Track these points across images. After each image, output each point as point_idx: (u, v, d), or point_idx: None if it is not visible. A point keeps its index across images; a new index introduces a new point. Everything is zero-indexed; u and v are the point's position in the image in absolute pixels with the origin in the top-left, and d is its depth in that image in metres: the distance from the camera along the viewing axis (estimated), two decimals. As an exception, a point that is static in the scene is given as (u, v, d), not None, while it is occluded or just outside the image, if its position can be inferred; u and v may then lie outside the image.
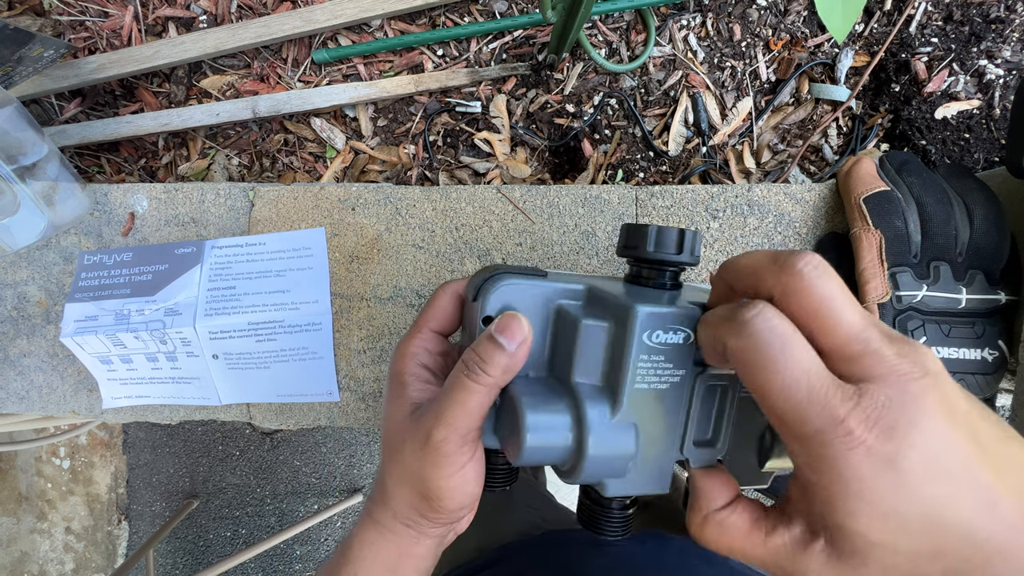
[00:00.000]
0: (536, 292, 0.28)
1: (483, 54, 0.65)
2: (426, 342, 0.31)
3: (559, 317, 0.29)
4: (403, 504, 0.29)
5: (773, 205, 0.49)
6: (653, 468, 0.27)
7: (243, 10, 0.66)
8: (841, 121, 0.62)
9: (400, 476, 0.28)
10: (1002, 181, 0.46)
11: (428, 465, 0.27)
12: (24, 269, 0.57)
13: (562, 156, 0.65)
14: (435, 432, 0.26)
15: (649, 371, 0.25)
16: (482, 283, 0.28)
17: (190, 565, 1.65)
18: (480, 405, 0.26)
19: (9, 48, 0.53)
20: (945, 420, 0.18)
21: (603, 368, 0.27)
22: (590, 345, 0.26)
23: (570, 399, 0.26)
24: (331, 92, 0.63)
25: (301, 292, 0.53)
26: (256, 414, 0.56)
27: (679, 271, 0.29)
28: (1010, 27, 0.58)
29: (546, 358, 0.29)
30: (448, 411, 0.26)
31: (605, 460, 0.25)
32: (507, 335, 0.26)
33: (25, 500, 1.68)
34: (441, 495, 0.27)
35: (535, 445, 0.25)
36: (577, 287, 0.29)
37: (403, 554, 0.30)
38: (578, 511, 0.30)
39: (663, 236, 0.28)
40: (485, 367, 0.26)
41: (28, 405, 0.58)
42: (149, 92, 0.68)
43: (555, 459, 0.26)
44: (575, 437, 0.25)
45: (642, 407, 0.26)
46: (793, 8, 0.62)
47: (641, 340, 0.25)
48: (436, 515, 0.28)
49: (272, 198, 0.55)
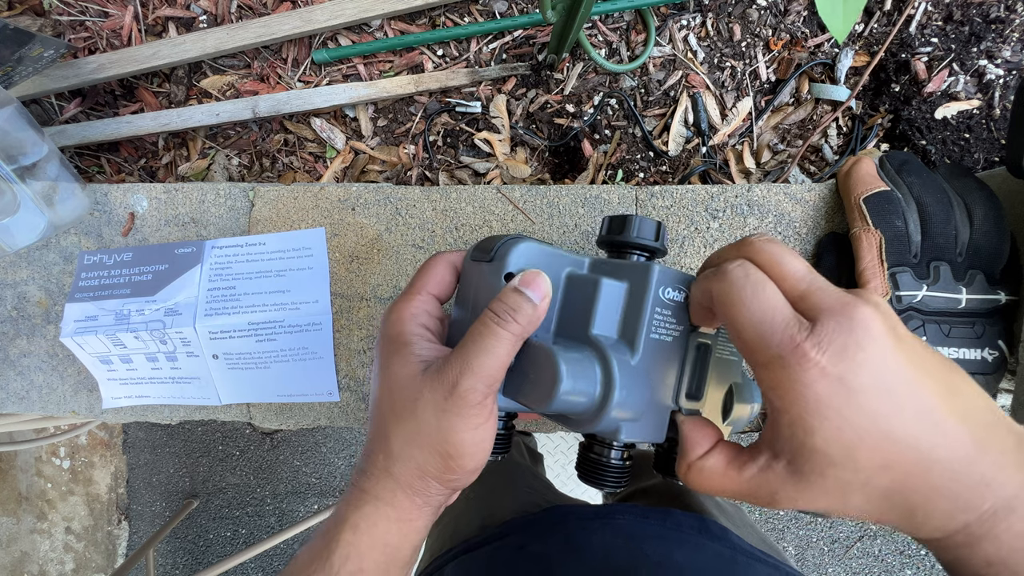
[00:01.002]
0: (550, 257, 0.31)
1: (483, 54, 0.65)
2: (425, 304, 0.30)
3: (569, 282, 0.31)
4: (413, 469, 0.27)
5: (773, 205, 0.49)
6: (657, 416, 0.30)
7: (243, 10, 0.66)
8: (841, 121, 0.62)
9: (410, 436, 0.27)
10: (1002, 181, 0.46)
11: (453, 416, 0.26)
12: (24, 269, 0.57)
13: (562, 156, 0.65)
14: (463, 380, 0.26)
15: (660, 323, 0.29)
16: (500, 244, 0.30)
17: (190, 565, 1.65)
18: (507, 353, 0.27)
19: (9, 48, 0.53)
20: (891, 343, 0.21)
21: (620, 322, 0.29)
22: (609, 301, 0.29)
23: (593, 350, 0.28)
24: (331, 92, 0.63)
25: (301, 292, 0.53)
26: (256, 414, 0.56)
27: (651, 257, 0.34)
28: (1010, 27, 0.58)
29: (553, 324, 0.31)
30: (476, 359, 0.26)
31: (627, 406, 0.28)
32: (532, 288, 0.27)
33: (25, 500, 1.68)
34: (464, 450, 0.26)
35: (569, 389, 0.26)
36: (582, 258, 0.32)
37: (403, 531, 0.28)
38: (578, 466, 0.32)
39: (644, 225, 0.32)
40: (515, 315, 0.26)
41: (28, 405, 0.58)
42: (149, 92, 0.68)
43: (582, 406, 0.27)
44: (603, 384, 0.27)
45: (653, 357, 0.29)
46: (793, 8, 0.62)
47: (657, 294, 0.29)
48: (452, 475, 0.27)
49: (272, 198, 0.55)
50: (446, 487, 0.28)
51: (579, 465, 0.32)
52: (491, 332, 0.26)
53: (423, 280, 0.31)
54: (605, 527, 0.47)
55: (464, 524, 0.56)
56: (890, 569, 1.46)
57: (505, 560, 0.46)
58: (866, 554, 1.47)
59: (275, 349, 0.53)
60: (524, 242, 0.30)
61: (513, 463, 0.82)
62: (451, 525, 0.58)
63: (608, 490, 0.31)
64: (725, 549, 0.46)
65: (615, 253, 0.34)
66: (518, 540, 0.48)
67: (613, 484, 0.31)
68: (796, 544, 1.49)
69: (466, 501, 0.64)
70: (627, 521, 0.48)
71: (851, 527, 1.48)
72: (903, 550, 1.46)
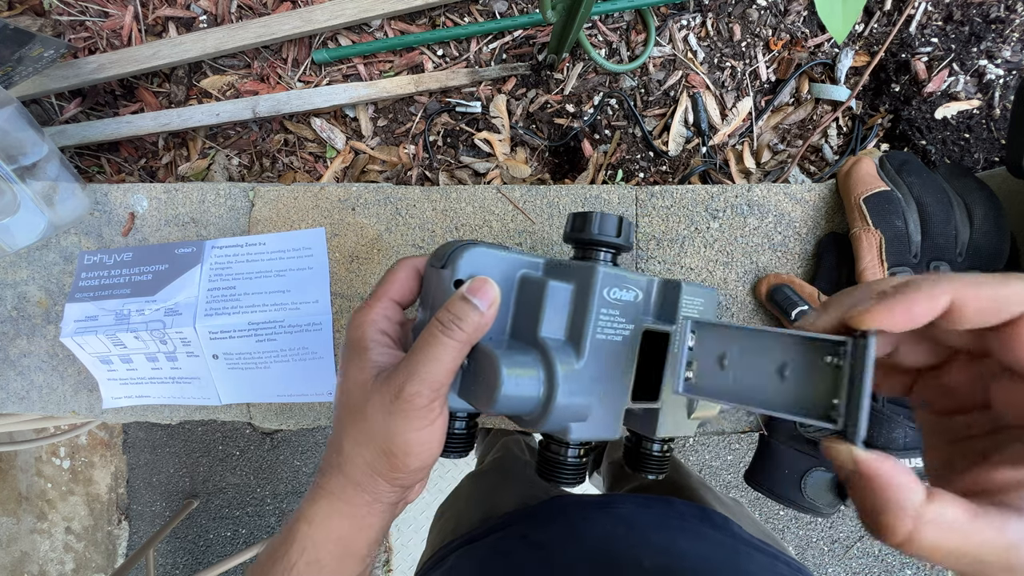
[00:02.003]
0: (501, 261, 0.31)
1: (483, 54, 0.65)
2: (386, 310, 0.31)
3: (523, 284, 0.31)
4: (361, 466, 0.29)
5: (773, 205, 0.49)
6: (609, 414, 0.30)
7: (243, 10, 0.66)
8: (841, 121, 0.62)
9: (359, 436, 0.28)
10: (1002, 181, 0.46)
11: (398, 419, 0.27)
12: (24, 269, 0.57)
13: (562, 156, 0.65)
14: (408, 386, 0.27)
15: (607, 323, 0.29)
16: (452, 251, 0.31)
17: (190, 565, 1.65)
18: (452, 360, 0.27)
19: (9, 48, 0.53)
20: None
21: (567, 323, 0.30)
22: (556, 303, 0.30)
23: (538, 353, 0.29)
24: (331, 92, 0.63)
25: (301, 292, 0.53)
26: (256, 414, 0.56)
27: (617, 253, 0.34)
28: (1010, 27, 0.58)
29: (508, 326, 0.32)
30: (422, 366, 0.27)
31: (572, 406, 0.28)
32: (479, 295, 0.28)
33: (25, 500, 1.68)
34: (408, 450, 0.27)
35: (509, 393, 0.27)
36: (537, 260, 0.32)
37: (355, 525, 0.29)
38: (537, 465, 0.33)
39: (605, 221, 0.33)
40: (460, 323, 0.27)
41: (28, 405, 0.58)
42: (149, 92, 0.68)
43: (526, 407, 0.28)
44: (545, 385, 0.28)
45: (600, 357, 0.29)
46: (793, 8, 0.62)
47: (601, 295, 0.29)
48: (396, 473, 0.28)
49: (272, 198, 0.55)
50: (393, 485, 0.29)
51: (537, 464, 0.33)
52: (436, 340, 0.27)
53: (386, 286, 0.32)
54: (606, 516, 0.48)
55: (466, 518, 0.56)
56: (890, 569, 1.46)
57: (507, 549, 0.47)
58: (866, 554, 1.47)
59: (275, 349, 0.53)
60: (474, 248, 0.30)
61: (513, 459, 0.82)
62: (453, 520, 0.59)
63: (566, 486, 0.32)
64: (726, 538, 0.46)
65: (580, 250, 0.34)
66: (520, 530, 0.49)
67: (570, 481, 0.31)
68: (796, 544, 1.49)
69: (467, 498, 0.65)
70: (628, 510, 0.49)
71: (851, 527, 1.48)
72: (903, 550, 1.46)
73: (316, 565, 0.29)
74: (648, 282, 0.32)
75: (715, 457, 1.49)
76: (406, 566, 1.55)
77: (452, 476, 1.52)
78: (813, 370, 0.24)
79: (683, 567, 0.40)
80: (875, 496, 0.19)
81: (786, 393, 0.25)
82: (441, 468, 1.52)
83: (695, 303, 0.33)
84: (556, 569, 0.41)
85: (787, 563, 0.45)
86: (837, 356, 0.23)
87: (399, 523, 1.55)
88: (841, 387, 0.22)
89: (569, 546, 0.44)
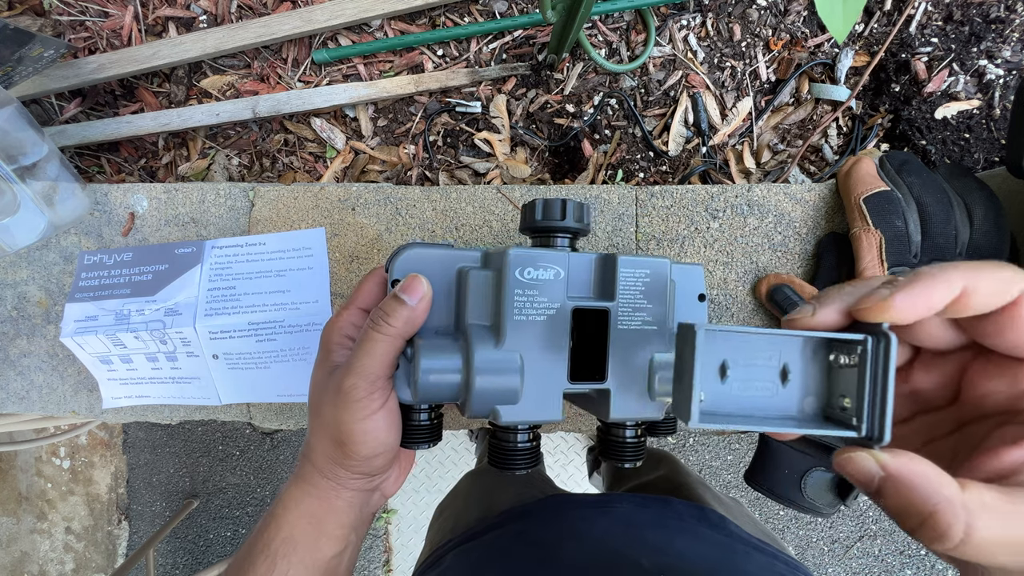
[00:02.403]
0: (439, 259, 0.32)
1: (483, 54, 0.65)
2: (352, 316, 0.34)
3: (459, 278, 0.32)
4: (321, 455, 0.32)
5: (773, 205, 0.49)
6: (542, 396, 0.30)
7: (243, 10, 0.66)
8: (841, 121, 0.62)
9: (318, 428, 0.32)
10: (1002, 181, 0.46)
11: (341, 410, 0.29)
12: (24, 269, 0.57)
13: (562, 156, 0.65)
14: (346, 380, 0.29)
15: (526, 304, 0.29)
16: (392, 254, 0.33)
17: (190, 565, 1.65)
18: (384, 353, 0.29)
19: (9, 48, 0.53)
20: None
21: (490, 309, 0.31)
22: (478, 291, 0.31)
23: (462, 342, 0.30)
24: (331, 92, 0.63)
25: (301, 292, 0.53)
26: (256, 414, 0.56)
27: (571, 237, 0.34)
28: (1010, 27, 0.58)
29: (453, 319, 0.33)
30: (356, 361, 0.29)
31: (493, 391, 0.29)
32: (408, 292, 0.30)
33: (25, 500, 1.68)
34: (354, 439, 0.30)
35: (430, 381, 0.29)
36: (475, 253, 0.33)
37: (324, 507, 0.32)
38: (489, 454, 0.33)
39: (549, 206, 0.33)
40: (388, 319, 0.29)
41: (28, 405, 0.58)
42: (149, 92, 0.68)
43: (450, 395, 0.30)
44: (463, 372, 0.29)
45: (524, 339, 0.29)
46: (793, 8, 0.62)
47: (514, 276, 0.29)
48: (349, 461, 0.31)
49: (272, 198, 0.55)
50: (350, 471, 0.32)
51: (489, 454, 0.33)
52: (368, 336, 0.30)
53: (355, 296, 0.35)
54: (604, 515, 0.48)
55: (464, 517, 0.56)
56: (890, 569, 1.46)
57: (505, 546, 0.47)
58: (866, 554, 1.47)
59: (275, 349, 0.53)
60: (409, 250, 0.32)
61: None
62: (451, 520, 0.59)
63: (519, 472, 0.32)
64: (724, 537, 0.46)
65: (536, 239, 0.35)
66: (517, 527, 0.49)
67: (523, 466, 0.32)
68: (796, 544, 1.49)
69: (465, 498, 0.65)
70: (626, 509, 0.49)
71: (851, 527, 1.48)
72: (903, 550, 1.46)
73: (291, 542, 0.31)
74: (576, 259, 0.31)
75: (715, 457, 1.49)
76: (406, 566, 1.55)
77: (452, 476, 1.52)
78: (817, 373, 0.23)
79: (681, 567, 0.40)
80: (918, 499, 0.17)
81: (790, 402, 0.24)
82: (441, 468, 1.52)
83: (637, 275, 0.31)
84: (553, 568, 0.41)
85: (786, 563, 0.45)
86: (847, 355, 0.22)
87: (399, 523, 1.55)
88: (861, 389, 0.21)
89: (567, 545, 0.44)
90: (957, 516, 0.16)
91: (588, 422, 0.52)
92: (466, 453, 1.52)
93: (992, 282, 0.19)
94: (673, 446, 1.49)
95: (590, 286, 0.32)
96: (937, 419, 0.23)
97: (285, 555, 0.31)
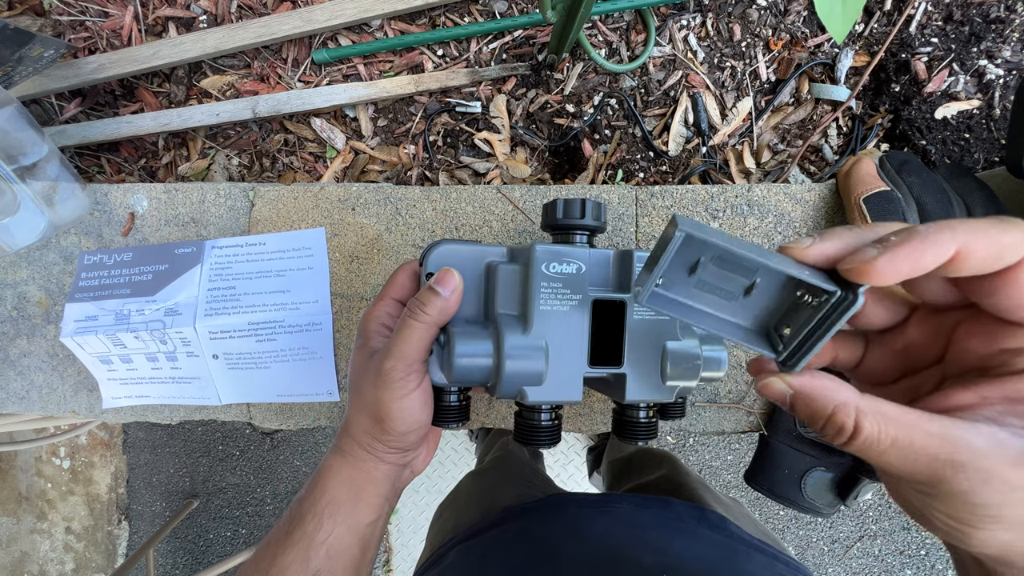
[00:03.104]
0: (467, 254, 0.36)
1: (483, 54, 0.65)
2: (388, 307, 0.37)
3: (488, 271, 0.35)
4: (360, 430, 0.35)
5: (773, 205, 0.49)
6: (565, 379, 0.33)
7: (243, 10, 0.66)
8: (841, 121, 0.62)
9: (359, 405, 0.35)
10: (1002, 181, 0.46)
11: (380, 390, 0.33)
12: (24, 269, 0.57)
13: (562, 156, 0.65)
14: (385, 363, 0.33)
15: (551, 296, 0.32)
16: (425, 250, 0.36)
17: (190, 565, 1.65)
18: (420, 339, 0.32)
19: (9, 48, 0.53)
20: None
21: (518, 300, 0.34)
22: (507, 283, 0.34)
23: (492, 329, 0.33)
24: (331, 92, 0.63)
25: (301, 292, 0.53)
26: (256, 414, 0.56)
27: (589, 234, 0.36)
28: (1010, 27, 0.58)
29: (482, 309, 0.36)
30: (395, 345, 0.33)
31: (521, 373, 0.32)
32: (442, 284, 0.33)
33: (25, 500, 1.68)
34: (391, 415, 0.33)
35: (463, 365, 0.32)
36: (501, 248, 0.36)
37: (363, 476, 0.35)
38: (515, 432, 0.36)
39: (569, 205, 0.36)
40: (424, 308, 0.32)
41: (28, 405, 0.58)
42: (149, 92, 0.68)
43: (481, 378, 0.32)
44: (494, 357, 0.32)
45: (549, 327, 0.32)
46: (793, 8, 0.62)
47: (540, 270, 0.32)
48: (386, 436, 0.34)
49: (272, 198, 0.55)
50: (386, 445, 0.35)
51: (515, 430, 0.36)
52: (405, 324, 0.33)
53: (388, 288, 0.38)
54: (605, 515, 0.48)
55: (465, 517, 0.57)
56: (890, 569, 1.46)
57: (506, 544, 0.47)
58: (866, 554, 1.47)
59: (275, 349, 0.53)
60: (442, 246, 0.35)
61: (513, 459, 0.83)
62: (452, 519, 0.59)
63: (543, 448, 0.35)
64: (724, 538, 0.46)
65: (557, 236, 0.37)
66: (519, 525, 0.49)
67: (547, 443, 0.35)
68: (796, 544, 1.49)
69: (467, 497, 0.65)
70: (627, 509, 0.49)
71: (851, 527, 1.48)
72: (903, 550, 1.46)
73: (335, 503, 0.35)
74: (596, 255, 0.34)
75: (715, 457, 1.49)
76: (406, 566, 1.55)
77: (452, 476, 1.52)
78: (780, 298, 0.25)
79: (681, 567, 0.40)
80: (818, 404, 0.21)
81: (742, 311, 0.26)
82: (440, 468, 1.52)
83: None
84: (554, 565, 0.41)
85: (786, 563, 0.45)
86: (814, 297, 0.23)
87: (399, 523, 1.55)
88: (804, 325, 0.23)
89: (568, 543, 0.44)
90: (849, 415, 0.20)
91: (588, 422, 0.52)
92: (466, 453, 1.52)
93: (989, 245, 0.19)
94: (673, 446, 1.49)
95: (608, 279, 0.34)
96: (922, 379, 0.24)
97: (331, 515, 0.34)
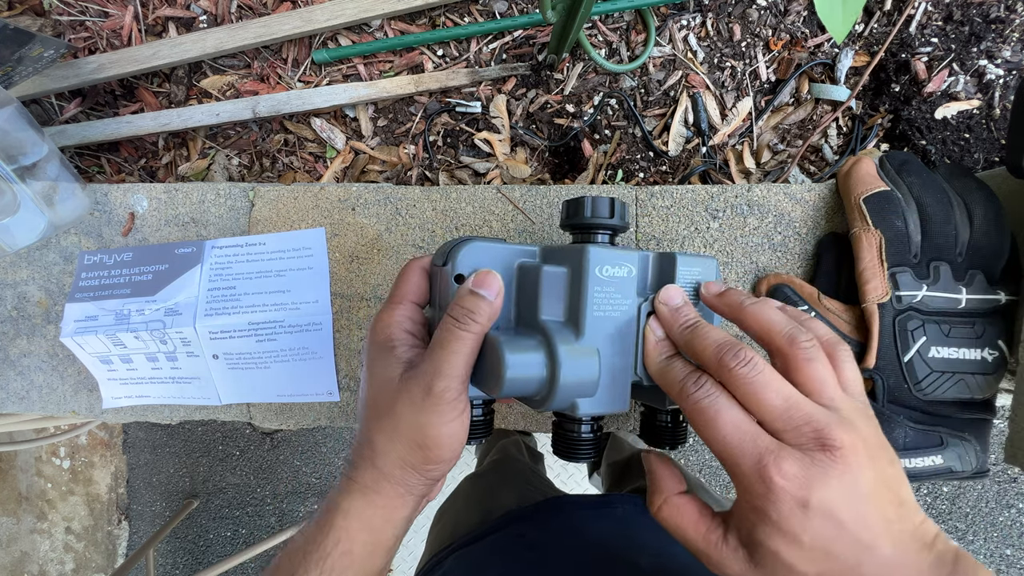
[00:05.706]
0: (498, 253, 0.32)
1: (483, 54, 0.65)
2: (408, 311, 0.33)
3: (521, 273, 0.33)
4: (394, 460, 0.30)
5: (773, 205, 0.49)
6: (615, 388, 0.31)
7: (243, 10, 0.66)
8: (841, 121, 0.62)
9: (392, 432, 0.29)
10: (1002, 181, 0.46)
11: (429, 414, 0.28)
12: (24, 269, 0.57)
13: (562, 156, 0.65)
14: (437, 382, 0.28)
15: (603, 300, 0.30)
16: (451, 248, 0.32)
17: (190, 565, 1.65)
18: (471, 352, 0.29)
19: (9, 48, 0.53)
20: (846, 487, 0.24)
21: (565, 305, 0.31)
22: (552, 287, 0.31)
23: (540, 336, 0.30)
24: (331, 92, 0.63)
25: (301, 292, 0.53)
26: (256, 414, 0.56)
27: (614, 233, 0.34)
28: (1010, 27, 0.58)
29: (511, 313, 0.33)
30: (446, 362, 0.28)
31: (576, 383, 0.29)
32: (485, 287, 0.29)
33: (25, 500, 1.68)
34: (440, 442, 0.29)
35: (514, 376, 0.28)
36: (533, 248, 0.34)
37: (383, 518, 0.31)
38: (553, 443, 0.34)
39: (598, 204, 0.33)
40: (473, 316, 0.29)
41: (28, 405, 0.58)
42: (149, 92, 0.68)
43: (531, 388, 0.29)
44: (548, 367, 0.29)
45: (601, 333, 0.30)
46: (793, 8, 0.62)
47: (594, 273, 0.30)
48: (429, 465, 0.30)
49: (272, 198, 0.55)
50: (425, 476, 0.30)
51: (554, 442, 0.34)
52: (454, 335, 0.29)
53: (403, 289, 0.33)
54: (604, 517, 0.48)
55: (464, 520, 0.56)
56: (890, 569, 1.46)
57: (504, 548, 0.47)
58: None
59: (275, 349, 0.53)
60: (471, 243, 0.31)
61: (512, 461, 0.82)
62: (450, 524, 0.59)
63: (584, 461, 0.33)
64: None
65: (577, 235, 0.35)
66: (517, 529, 0.49)
67: (587, 456, 0.32)
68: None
69: (465, 501, 0.65)
70: (625, 511, 0.49)
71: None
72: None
73: (349, 556, 0.30)
74: (642, 257, 0.33)
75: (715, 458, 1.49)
76: (406, 567, 1.55)
77: (452, 477, 1.52)
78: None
79: (679, 569, 0.40)
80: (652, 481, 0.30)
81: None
82: (441, 468, 1.52)
83: (692, 272, 0.34)
84: (552, 569, 0.41)
85: None
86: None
87: (399, 523, 1.55)
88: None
89: (566, 546, 0.44)
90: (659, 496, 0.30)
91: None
92: (466, 453, 1.52)
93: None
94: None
95: (648, 282, 0.33)
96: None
97: (342, 570, 0.29)
